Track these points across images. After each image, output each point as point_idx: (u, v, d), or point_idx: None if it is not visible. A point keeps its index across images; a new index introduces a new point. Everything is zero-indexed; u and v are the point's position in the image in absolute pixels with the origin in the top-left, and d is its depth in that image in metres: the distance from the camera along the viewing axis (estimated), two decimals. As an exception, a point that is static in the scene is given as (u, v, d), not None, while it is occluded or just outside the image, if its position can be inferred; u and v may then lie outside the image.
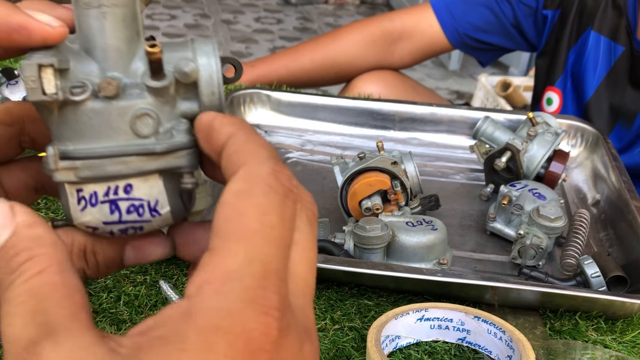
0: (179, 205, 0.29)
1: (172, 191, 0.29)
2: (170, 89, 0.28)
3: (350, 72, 1.22)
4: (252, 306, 0.21)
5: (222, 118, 0.27)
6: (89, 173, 0.27)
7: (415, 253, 0.63)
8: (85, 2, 0.28)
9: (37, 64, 0.26)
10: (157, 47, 0.27)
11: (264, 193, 0.23)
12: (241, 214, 0.23)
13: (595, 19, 1.07)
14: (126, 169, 0.28)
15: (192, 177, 0.29)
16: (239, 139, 0.25)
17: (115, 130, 0.28)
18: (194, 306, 0.21)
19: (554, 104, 1.15)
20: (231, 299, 0.21)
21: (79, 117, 0.27)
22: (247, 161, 0.24)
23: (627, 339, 0.59)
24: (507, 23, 1.17)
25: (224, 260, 0.22)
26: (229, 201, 0.23)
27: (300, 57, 1.21)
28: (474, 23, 1.18)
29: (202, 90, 0.29)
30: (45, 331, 0.21)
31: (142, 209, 0.28)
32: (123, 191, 0.28)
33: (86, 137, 0.28)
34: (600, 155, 0.85)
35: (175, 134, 0.28)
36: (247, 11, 3.99)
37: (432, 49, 1.23)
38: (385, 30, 1.20)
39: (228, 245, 0.22)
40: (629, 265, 0.66)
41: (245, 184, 0.24)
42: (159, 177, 0.28)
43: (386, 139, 0.91)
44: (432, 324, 0.56)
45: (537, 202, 0.71)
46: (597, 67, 1.07)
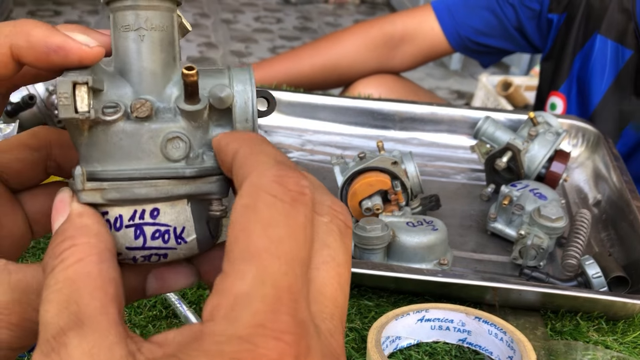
0: (206, 233, 0.29)
1: (200, 219, 0.28)
2: (204, 114, 0.28)
3: (351, 77, 1.21)
4: (262, 331, 0.20)
5: (227, 136, 0.27)
6: (116, 195, 0.27)
7: (415, 253, 0.63)
8: (124, 25, 0.28)
9: (72, 82, 0.26)
10: (194, 70, 0.26)
11: (267, 204, 0.22)
12: (247, 232, 0.22)
13: (602, 23, 1.05)
14: (155, 192, 0.27)
15: (221, 205, 0.28)
16: (243, 153, 0.25)
17: (146, 152, 0.27)
18: (204, 330, 0.21)
19: (558, 109, 1.14)
20: (240, 324, 0.20)
21: (109, 138, 0.27)
22: (249, 173, 0.23)
23: (628, 340, 0.58)
24: (510, 26, 1.16)
25: (234, 283, 0.21)
26: (235, 219, 0.22)
27: (300, 62, 1.20)
28: (475, 27, 1.17)
29: (236, 117, 0.28)
30: (74, 322, 0.22)
31: (167, 235, 0.28)
32: (149, 216, 0.27)
33: (115, 158, 0.27)
34: (602, 155, 0.85)
35: (206, 159, 0.28)
36: (247, 10, 3.99)
37: (433, 52, 1.23)
38: (387, 34, 1.20)
39: (237, 267, 0.21)
40: (630, 266, 0.66)
41: (248, 199, 0.22)
42: (187, 203, 0.28)
43: (386, 138, 0.91)
44: (433, 324, 0.55)
45: (538, 202, 0.71)
46: (604, 71, 1.06)
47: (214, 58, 3.25)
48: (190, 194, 0.27)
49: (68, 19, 3.60)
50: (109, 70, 0.28)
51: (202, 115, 0.28)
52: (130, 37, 0.28)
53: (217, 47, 3.40)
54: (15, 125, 0.75)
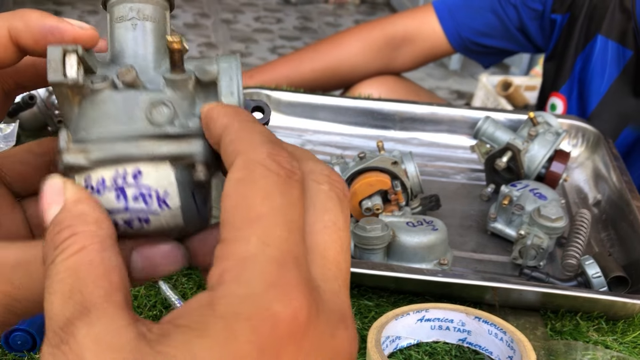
0: (191, 205, 0.28)
1: (185, 188, 0.28)
2: (189, 85, 0.28)
3: (353, 79, 1.21)
4: (273, 290, 0.21)
5: (220, 108, 0.27)
6: (99, 154, 0.27)
7: (415, 253, 0.63)
8: (118, 16, 0.30)
9: (62, 49, 0.27)
10: (178, 37, 0.27)
11: (264, 176, 0.23)
12: (246, 200, 0.22)
13: (603, 23, 1.05)
14: (137, 150, 0.27)
15: (205, 170, 0.28)
16: (233, 128, 0.25)
17: (131, 117, 0.28)
18: (215, 295, 0.21)
19: (558, 110, 1.14)
20: (252, 285, 0.21)
21: (96, 106, 0.28)
22: (242, 149, 0.24)
23: (628, 340, 0.58)
24: (512, 27, 1.15)
25: (238, 247, 0.22)
26: (231, 191, 0.23)
27: (301, 65, 1.19)
28: (477, 28, 1.17)
29: (221, 90, 0.29)
30: (80, 311, 0.22)
31: (150, 198, 0.27)
32: (132, 177, 0.27)
33: (101, 123, 0.28)
34: (601, 155, 0.85)
35: (190, 123, 0.28)
36: (247, 11, 3.99)
37: (434, 54, 1.23)
38: (388, 35, 1.19)
39: (240, 232, 0.22)
40: (630, 266, 0.66)
41: (243, 171, 0.23)
42: (171, 166, 0.28)
43: (386, 138, 0.91)
44: (433, 324, 0.56)
45: (538, 202, 0.71)
46: (604, 72, 1.06)
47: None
48: (173, 155, 0.27)
49: (68, 19, 3.60)
50: (104, 58, 0.30)
51: (186, 85, 0.28)
52: (123, 26, 0.30)
53: (217, 47, 3.40)
54: (15, 125, 0.75)
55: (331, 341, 0.22)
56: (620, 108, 1.05)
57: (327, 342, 0.22)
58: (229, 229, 0.22)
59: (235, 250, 0.22)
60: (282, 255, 0.22)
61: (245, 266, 0.21)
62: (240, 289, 0.21)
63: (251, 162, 0.23)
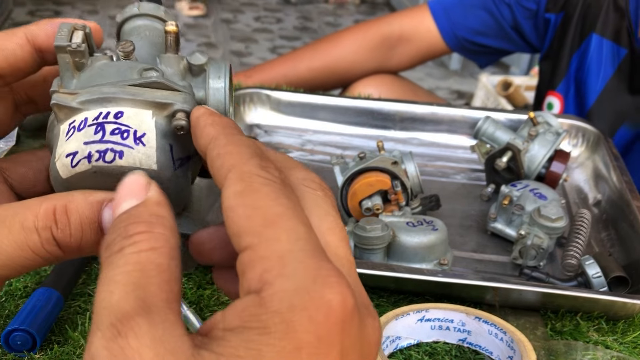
0: (166, 150, 0.29)
1: (163, 134, 0.29)
2: (180, 64, 0.31)
3: (350, 78, 1.21)
4: (320, 280, 0.22)
5: (207, 117, 0.27)
6: (86, 96, 0.29)
7: (415, 253, 0.63)
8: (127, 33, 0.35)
9: (72, 25, 0.30)
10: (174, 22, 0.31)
11: (264, 184, 0.24)
12: (257, 207, 0.23)
13: (597, 22, 1.06)
14: (121, 92, 0.29)
15: (185, 118, 0.29)
16: (220, 142, 0.26)
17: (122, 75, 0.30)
18: (264, 295, 0.22)
19: (555, 109, 1.14)
20: (297, 278, 0.22)
21: (93, 70, 0.30)
22: (234, 163, 0.24)
23: (628, 340, 0.58)
24: (506, 26, 1.16)
25: (271, 247, 0.22)
26: (234, 203, 0.24)
27: (298, 65, 1.20)
28: (472, 27, 1.17)
29: (209, 81, 0.31)
30: (142, 307, 0.21)
31: (127, 134, 0.28)
32: (113, 116, 0.28)
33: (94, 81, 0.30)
34: (602, 155, 0.85)
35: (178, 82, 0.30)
36: (247, 10, 3.99)
37: (430, 53, 1.23)
38: (384, 35, 1.19)
39: (265, 235, 0.23)
40: (630, 266, 0.66)
41: (241, 184, 0.24)
42: (152, 112, 0.29)
43: (386, 138, 0.91)
44: (433, 324, 0.55)
45: (538, 202, 0.71)
46: (600, 71, 1.06)
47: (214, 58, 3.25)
48: (156, 101, 0.29)
49: (68, 19, 3.61)
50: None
51: (178, 64, 0.31)
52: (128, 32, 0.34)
53: (217, 47, 3.40)
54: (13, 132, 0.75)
55: (364, 329, 0.23)
56: (616, 106, 1.05)
57: (362, 330, 0.23)
58: (251, 236, 0.23)
59: (269, 251, 0.22)
60: (314, 247, 0.23)
61: (286, 262, 0.22)
62: (287, 283, 0.22)
63: (246, 175, 0.24)
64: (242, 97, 0.93)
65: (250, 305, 0.22)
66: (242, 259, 0.23)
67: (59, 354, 0.52)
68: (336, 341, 0.22)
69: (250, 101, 0.94)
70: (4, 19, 3.48)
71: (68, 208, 0.27)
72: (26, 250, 0.26)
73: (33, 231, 0.26)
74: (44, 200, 0.27)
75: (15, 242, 0.25)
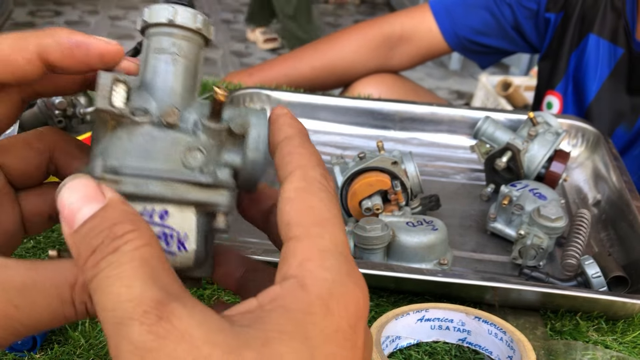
0: (203, 248, 0.30)
1: (201, 232, 0.29)
2: (222, 135, 0.30)
3: (351, 77, 1.21)
4: (351, 279, 0.25)
5: (287, 118, 0.30)
6: (132, 189, 0.28)
7: (415, 253, 0.63)
8: (158, 47, 0.31)
9: (113, 77, 0.28)
10: (225, 90, 0.29)
11: (321, 190, 0.27)
12: (311, 206, 0.26)
13: (595, 22, 1.06)
14: (169, 192, 0.28)
15: (225, 220, 0.30)
16: (294, 142, 0.29)
17: (165, 157, 0.29)
18: (305, 279, 0.24)
19: (554, 108, 1.14)
20: (334, 272, 0.25)
21: (133, 138, 0.28)
22: (302, 164, 0.28)
23: (628, 340, 0.58)
24: (507, 26, 1.16)
25: (315, 242, 0.25)
26: (293, 196, 0.27)
27: (299, 64, 1.20)
28: (473, 26, 1.17)
29: (248, 145, 0.30)
30: (170, 295, 0.22)
31: (171, 239, 0.29)
32: (158, 216, 0.28)
33: (135, 157, 0.28)
34: (601, 155, 0.85)
35: (219, 174, 0.30)
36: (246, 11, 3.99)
37: (431, 52, 1.23)
38: (385, 34, 1.19)
39: (312, 231, 0.26)
40: (629, 266, 0.66)
41: (304, 183, 0.27)
42: (195, 212, 0.29)
43: (386, 138, 0.91)
44: (433, 324, 0.56)
45: (538, 202, 0.71)
46: (597, 70, 1.07)
47: (214, 58, 3.25)
48: (201, 202, 0.29)
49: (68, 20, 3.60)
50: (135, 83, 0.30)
51: (220, 135, 0.30)
52: (162, 58, 0.31)
53: (217, 47, 3.40)
54: (15, 125, 0.75)
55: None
56: (613, 106, 1.06)
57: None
58: (300, 228, 0.26)
59: (314, 244, 0.25)
60: (346, 252, 0.26)
61: (326, 257, 0.25)
62: (326, 274, 0.25)
63: (310, 177, 0.27)
64: (242, 97, 0.93)
65: (291, 289, 0.24)
66: (288, 246, 0.26)
67: (59, 353, 0.52)
68: (361, 331, 0.25)
69: (250, 101, 0.94)
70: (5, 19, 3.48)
71: None
72: (60, 318, 0.26)
73: (69, 304, 0.26)
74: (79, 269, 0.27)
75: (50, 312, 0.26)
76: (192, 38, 0.31)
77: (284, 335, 0.23)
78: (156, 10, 0.31)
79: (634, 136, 1.04)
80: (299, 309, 0.24)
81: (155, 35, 0.31)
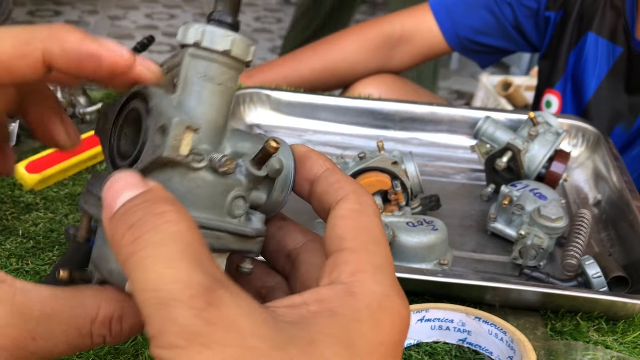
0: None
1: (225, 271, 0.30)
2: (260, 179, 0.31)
3: (352, 78, 1.21)
4: (399, 295, 0.26)
5: (316, 154, 0.32)
6: None
7: (415, 253, 0.63)
8: (207, 74, 0.29)
9: (186, 126, 0.27)
10: (279, 144, 0.29)
11: (374, 214, 0.29)
12: (367, 226, 0.28)
13: (594, 21, 1.06)
14: (217, 243, 0.29)
15: (251, 264, 0.31)
16: (336, 172, 0.31)
17: (215, 204, 0.29)
18: (355, 288, 0.25)
19: (553, 107, 1.14)
20: (385, 286, 0.26)
21: (187, 182, 0.28)
22: (355, 189, 0.29)
23: (628, 340, 0.58)
24: (508, 25, 1.16)
25: (370, 257, 0.27)
26: (347, 215, 0.28)
27: (299, 65, 1.19)
28: (473, 26, 1.17)
29: (276, 187, 0.31)
30: (217, 281, 0.22)
31: None
32: None
33: (186, 202, 0.28)
34: (602, 155, 0.85)
35: (254, 220, 0.30)
36: (247, 10, 3.99)
37: (432, 52, 1.23)
38: (385, 35, 1.19)
39: (368, 247, 0.27)
40: (630, 266, 0.66)
41: (358, 206, 0.29)
42: (227, 257, 0.30)
43: (386, 138, 0.91)
44: (433, 324, 0.55)
45: (538, 202, 0.71)
46: (595, 69, 1.07)
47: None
48: (239, 250, 0.30)
49: (68, 19, 3.60)
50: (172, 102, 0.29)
51: (261, 181, 0.31)
52: (208, 87, 0.29)
53: (217, 47, 3.40)
54: (15, 125, 0.75)
55: None
56: (611, 104, 1.05)
57: None
58: (355, 242, 0.27)
59: (368, 258, 0.27)
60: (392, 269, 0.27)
61: (379, 272, 0.26)
62: (378, 286, 0.26)
63: (363, 201, 0.29)
64: (242, 97, 0.93)
65: (341, 294, 0.25)
66: (340, 255, 0.27)
67: (59, 353, 0.52)
68: (401, 348, 0.26)
69: (250, 101, 0.94)
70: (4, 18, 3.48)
71: (124, 316, 0.27)
72: (74, 349, 0.26)
73: (88, 337, 0.26)
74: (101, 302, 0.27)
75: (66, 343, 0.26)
76: (240, 69, 0.30)
77: (330, 339, 0.23)
78: (211, 33, 0.29)
79: (633, 136, 1.04)
80: (347, 315, 0.24)
81: (204, 60, 0.29)
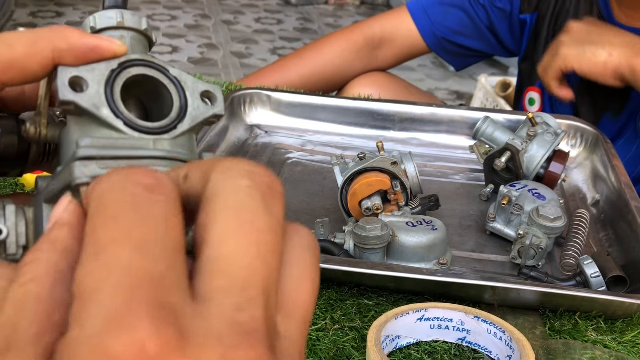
0: None
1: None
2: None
3: (340, 81, 1.23)
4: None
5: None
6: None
7: (415, 253, 0.63)
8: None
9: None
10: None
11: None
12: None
13: (569, 17, 1.07)
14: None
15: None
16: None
17: None
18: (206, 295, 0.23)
19: (536, 103, 1.15)
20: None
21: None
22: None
23: (626, 339, 0.59)
24: (482, 26, 1.17)
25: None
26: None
27: (287, 72, 1.21)
28: (450, 26, 1.19)
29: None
30: (3, 347, 0.21)
31: None
32: None
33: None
34: (600, 155, 0.86)
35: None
36: (247, 11, 3.99)
37: (413, 52, 1.25)
38: (366, 37, 1.21)
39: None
40: (628, 265, 0.66)
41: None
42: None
43: (386, 139, 0.91)
44: (432, 323, 0.56)
45: (537, 202, 0.71)
46: None
47: (214, 59, 3.26)
48: None
49: (69, 20, 3.60)
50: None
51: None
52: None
53: (218, 48, 3.40)
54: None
55: None
56: (597, 95, 1.06)
57: None
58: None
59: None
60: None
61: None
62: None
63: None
64: (242, 97, 0.93)
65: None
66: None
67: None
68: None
69: (251, 101, 0.94)
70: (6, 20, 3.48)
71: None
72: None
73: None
74: None
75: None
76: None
77: None
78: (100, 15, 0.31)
79: (622, 123, 1.05)
80: None
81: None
